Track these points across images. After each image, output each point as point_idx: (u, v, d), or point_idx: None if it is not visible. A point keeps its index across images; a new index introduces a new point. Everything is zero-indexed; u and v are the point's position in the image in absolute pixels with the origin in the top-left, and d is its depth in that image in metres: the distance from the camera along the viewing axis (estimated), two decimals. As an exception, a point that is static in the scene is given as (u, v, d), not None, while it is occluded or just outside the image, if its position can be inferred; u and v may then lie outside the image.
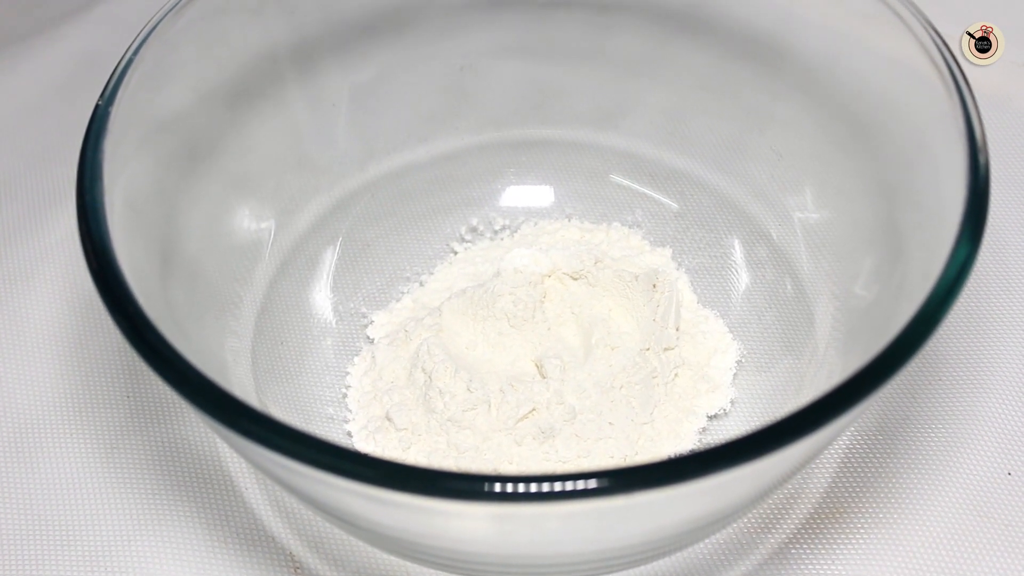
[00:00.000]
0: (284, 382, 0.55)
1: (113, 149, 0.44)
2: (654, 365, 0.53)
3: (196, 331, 0.47)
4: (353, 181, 0.62)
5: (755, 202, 0.60)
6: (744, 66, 0.59)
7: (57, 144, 0.71)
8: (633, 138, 0.63)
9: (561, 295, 0.56)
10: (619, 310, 0.56)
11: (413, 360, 0.54)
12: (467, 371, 0.52)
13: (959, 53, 0.68)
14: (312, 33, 0.59)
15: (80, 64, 0.77)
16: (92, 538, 0.52)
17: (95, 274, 0.39)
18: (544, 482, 0.32)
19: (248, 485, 0.53)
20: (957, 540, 0.50)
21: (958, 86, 0.44)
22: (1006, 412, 0.54)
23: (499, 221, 0.63)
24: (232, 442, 0.39)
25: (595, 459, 0.50)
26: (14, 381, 0.58)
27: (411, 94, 0.63)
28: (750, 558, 0.50)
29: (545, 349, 0.54)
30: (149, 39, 0.48)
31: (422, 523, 0.38)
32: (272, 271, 0.58)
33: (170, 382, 0.37)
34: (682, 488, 0.33)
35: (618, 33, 0.62)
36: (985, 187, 0.41)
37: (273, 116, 0.58)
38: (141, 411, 0.56)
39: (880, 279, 0.48)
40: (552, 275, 0.57)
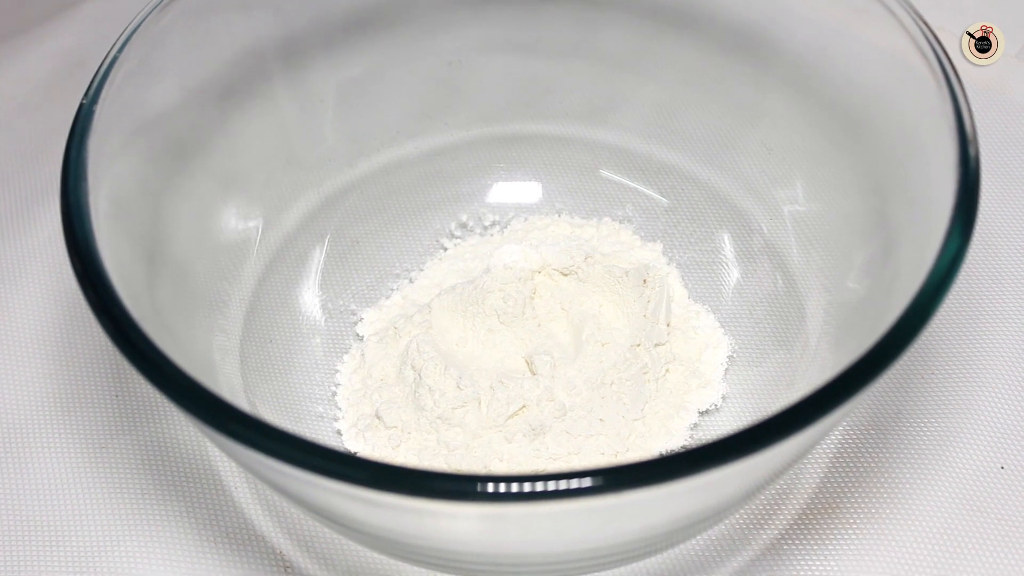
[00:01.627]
0: (273, 380, 0.54)
1: (98, 148, 0.44)
2: (645, 361, 0.53)
3: (183, 330, 0.47)
4: (342, 178, 0.62)
5: (746, 196, 0.59)
6: (734, 60, 0.59)
7: (43, 142, 0.70)
8: (623, 133, 0.63)
9: (551, 291, 0.56)
10: (609, 306, 0.56)
11: (403, 357, 0.54)
12: (457, 368, 0.52)
13: (959, 53, 0.67)
14: (299, 29, 0.58)
15: (66, 62, 0.76)
16: (81, 539, 0.52)
17: (79, 275, 0.39)
18: (535, 482, 0.32)
19: (237, 484, 0.53)
20: (950, 534, 0.50)
21: (948, 79, 0.44)
22: (998, 406, 0.54)
23: (489, 217, 0.63)
24: (220, 444, 0.38)
25: (586, 456, 0.50)
26: (0, 381, 0.58)
27: (400, 90, 0.63)
28: (743, 554, 0.50)
29: (535, 346, 0.54)
30: (134, 37, 0.48)
31: (411, 523, 0.38)
32: (260, 269, 0.58)
33: (156, 384, 0.36)
34: (673, 486, 0.33)
35: (607, 28, 0.62)
36: (976, 180, 0.41)
37: (260, 113, 0.58)
38: (129, 411, 0.56)
39: (871, 273, 0.48)
40: (542, 271, 0.57)
